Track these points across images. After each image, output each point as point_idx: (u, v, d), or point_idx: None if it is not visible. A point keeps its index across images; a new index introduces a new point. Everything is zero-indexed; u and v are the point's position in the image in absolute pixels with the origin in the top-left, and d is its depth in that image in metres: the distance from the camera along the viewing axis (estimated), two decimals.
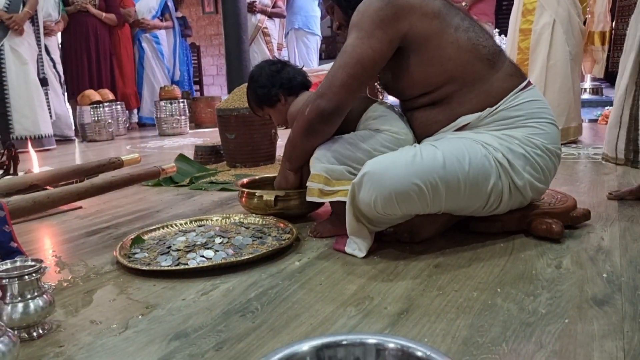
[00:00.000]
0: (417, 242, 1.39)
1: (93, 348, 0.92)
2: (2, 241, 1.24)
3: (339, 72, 1.36)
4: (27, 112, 4.08)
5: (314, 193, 1.45)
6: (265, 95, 1.68)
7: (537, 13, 2.95)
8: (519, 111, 1.36)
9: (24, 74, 4.07)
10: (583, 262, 1.22)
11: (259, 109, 1.74)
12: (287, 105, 1.67)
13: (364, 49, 1.34)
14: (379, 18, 1.33)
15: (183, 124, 5.20)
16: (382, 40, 1.34)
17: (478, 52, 1.36)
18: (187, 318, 1.02)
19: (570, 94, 2.98)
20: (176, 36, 6.30)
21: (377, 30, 1.33)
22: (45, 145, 4.16)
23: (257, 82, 1.69)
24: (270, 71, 1.68)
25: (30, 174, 1.88)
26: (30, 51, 4.17)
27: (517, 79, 1.40)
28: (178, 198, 2.16)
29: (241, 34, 4.58)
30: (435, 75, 1.37)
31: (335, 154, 1.43)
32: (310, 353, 0.65)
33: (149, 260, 1.32)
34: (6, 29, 3.96)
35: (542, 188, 1.40)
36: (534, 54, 2.99)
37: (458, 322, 0.95)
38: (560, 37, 2.90)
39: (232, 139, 2.74)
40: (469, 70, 1.36)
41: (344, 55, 1.36)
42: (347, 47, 1.36)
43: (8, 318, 0.93)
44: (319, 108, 1.38)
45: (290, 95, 1.67)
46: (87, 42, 5.29)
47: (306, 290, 1.13)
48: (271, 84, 1.66)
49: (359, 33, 1.35)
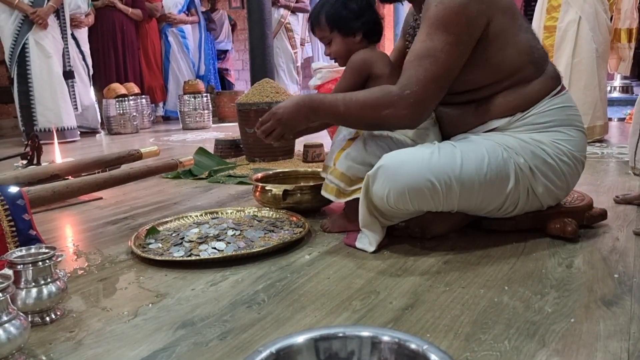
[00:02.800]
0: (428, 238, 1.39)
1: (102, 334, 0.95)
2: (21, 229, 1.28)
3: (432, 85, 1.24)
4: (51, 105, 4.17)
5: (332, 191, 1.43)
6: (348, 21, 1.48)
7: (562, 10, 2.90)
8: (549, 117, 1.32)
9: (48, 67, 4.15)
10: (595, 262, 1.20)
11: (327, 29, 1.51)
12: (358, 44, 1.50)
13: (454, 59, 1.24)
14: (466, 17, 1.23)
15: (206, 117, 5.25)
16: (469, 44, 1.26)
17: (532, 55, 1.31)
18: (194, 307, 1.04)
19: (596, 92, 2.92)
20: (201, 31, 6.36)
21: (465, 34, 1.24)
22: (67, 137, 4.25)
23: (347, 4, 1.48)
24: (366, 3, 1.50)
25: (52, 165, 1.93)
26: (55, 44, 4.25)
27: (553, 83, 1.35)
28: (196, 190, 2.19)
29: (265, 29, 4.60)
30: (487, 75, 1.32)
31: (362, 154, 1.40)
32: (306, 344, 0.66)
33: (162, 250, 1.34)
34: (31, 23, 4.05)
35: (561, 195, 1.37)
36: (558, 52, 2.94)
37: (462, 319, 0.95)
38: (586, 34, 2.85)
39: (252, 133, 2.76)
40: (520, 73, 1.31)
41: (435, 64, 1.23)
42: (437, 51, 1.23)
43: (22, 303, 0.96)
44: (401, 118, 1.27)
45: (365, 37, 1.50)
46: (114, 36, 5.39)
47: (314, 284, 1.14)
48: (360, 15, 1.48)
49: (447, 37, 1.23)
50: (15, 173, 1.68)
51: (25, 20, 4.05)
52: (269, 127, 1.39)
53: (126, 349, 0.89)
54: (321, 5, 1.52)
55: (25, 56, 4.08)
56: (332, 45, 1.53)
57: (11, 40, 4.07)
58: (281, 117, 1.37)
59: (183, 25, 6.09)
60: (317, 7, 1.53)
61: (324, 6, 1.51)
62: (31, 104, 4.13)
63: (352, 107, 1.30)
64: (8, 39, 4.08)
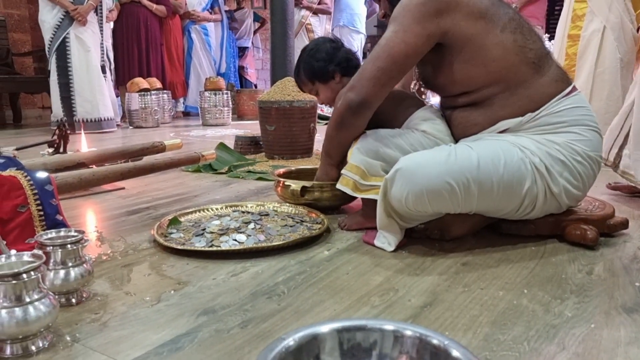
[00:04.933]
0: (447, 240, 1.39)
1: (126, 317, 0.97)
2: (49, 213, 1.31)
3: (369, 65, 1.36)
4: (89, 96, 4.31)
5: (348, 184, 1.46)
6: (322, 69, 1.63)
7: (587, 19, 2.88)
8: (562, 117, 1.33)
9: (87, 60, 4.31)
10: (616, 270, 1.20)
11: (310, 83, 1.68)
12: (340, 84, 1.62)
13: (396, 42, 1.33)
14: (419, 12, 1.31)
15: (226, 114, 5.30)
16: (419, 35, 1.32)
17: (524, 55, 1.33)
18: (216, 296, 1.06)
19: (619, 102, 2.89)
20: (224, 29, 6.43)
21: (415, 24, 1.31)
22: (104, 127, 4.37)
23: (314, 56, 1.64)
24: (330, 47, 1.65)
25: (78, 153, 1.96)
26: (94, 39, 4.42)
27: (561, 85, 1.36)
28: (216, 185, 2.21)
29: (287, 29, 4.62)
30: (477, 75, 1.35)
31: (374, 148, 1.43)
32: (330, 334, 0.67)
33: (184, 240, 1.37)
34: (72, 18, 4.22)
35: (579, 195, 1.37)
36: (581, 61, 2.92)
37: (481, 319, 0.95)
38: (611, 44, 2.82)
39: (272, 130, 2.79)
40: (513, 73, 1.33)
41: (377, 48, 1.36)
42: (381, 40, 1.36)
43: (50, 283, 0.99)
44: (347, 100, 1.39)
45: (344, 75, 1.63)
46: (138, 31, 5.47)
47: (333, 279, 1.15)
48: (330, 59, 1.63)
49: (395, 27, 1.34)
50: (44, 159, 1.72)
51: (67, 16, 4.22)
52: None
53: (150, 332, 0.91)
54: (297, 67, 1.69)
55: (66, 49, 4.24)
56: (320, 95, 1.68)
57: (50, 33, 4.22)
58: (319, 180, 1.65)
59: (206, 23, 6.15)
60: (296, 70, 1.70)
61: (299, 66, 1.68)
62: (71, 96, 4.28)
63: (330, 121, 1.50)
64: (48, 32, 4.26)
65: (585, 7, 2.91)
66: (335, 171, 1.59)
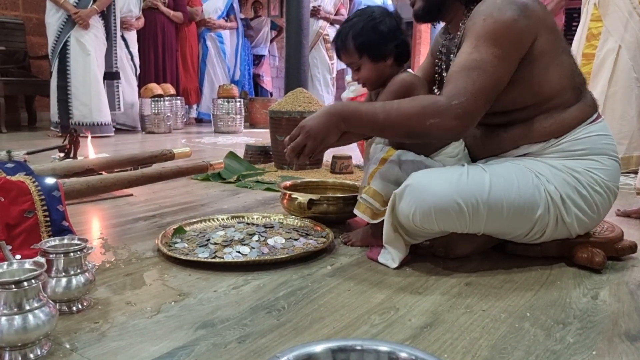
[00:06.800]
0: (451, 258, 1.38)
1: (125, 327, 0.97)
2: (55, 219, 1.32)
3: (480, 97, 1.20)
4: (85, 100, 4.33)
5: (366, 212, 1.42)
6: (379, 46, 1.42)
7: (602, 38, 2.86)
8: (584, 145, 1.30)
9: (85, 64, 4.32)
10: (622, 296, 1.18)
11: (356, 54, 1.43)
12: (387, 68, 1.44)
13: (502, 72, 1.22)
14: (515, 32, 1.21)
15: (238, 122, 5.33)
16: (516, 60, 1.24)
17: (573, 80, 1.30)
18: (216, 309, 1.06)
19: (633, 121, 2.87)
20: (239, 37, 6.48)
21: (513, 49, 1.22)
22: (98, 132, 4.36)
23: (375, 27, 1.41)
24: (394, 24, 1.43)
25: (87, 159, 1.98)
26: (97, 43, 4.43)
27: (590, 110, 1.33)
28: (223, 194, 2.22)
29: (302, 39, 4.65)
30: (526, 95, 1.29)
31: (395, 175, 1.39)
32: (324, 354, 0.67)
33: (187, 250, 1.37)
34: (74, 22, 4.25)
35: (591, 225, 1.35)
36: (594, 80, 2.90)
37: (481, 342, 0.94)
38: (625, 64, 2.80)
39: (282, 140, 2.79)
40: (560, 96, 1.29)
41: (484, 76, 1.20)
42: (485, 63, 1.20)
43: (52, 291, 0.99)
44: (448, 129, 1.21)
45: (396, 60, 1.45)
46: (155, 37, 5.54)
47: (334, 295, 1.14)
48: (391, 38, 1.42)
49: (496, 50, 1.21)
50: (53, 165, 1.74)
51: (69, 19, 4.25)
52: (299, 143, 1.31)
53: (147, 344, 0.91)
54: (348, 29, 1.43)
55: (66, 52, 4.28)
56: (361, 71, 1.46)
57: (54, 36, 4.28)
58: (310, 129, 1.30)
59: (221, 31, 6.20)
60: (344, 31, 1.44)
61: (351, 30, 1.42)
62: (68, 98, 4.31)
63: (394, 116, 1.24)
64: (52, 35, 4.30)
65: (600, 25, 2.89)
66: (336, 135, 1.32)
